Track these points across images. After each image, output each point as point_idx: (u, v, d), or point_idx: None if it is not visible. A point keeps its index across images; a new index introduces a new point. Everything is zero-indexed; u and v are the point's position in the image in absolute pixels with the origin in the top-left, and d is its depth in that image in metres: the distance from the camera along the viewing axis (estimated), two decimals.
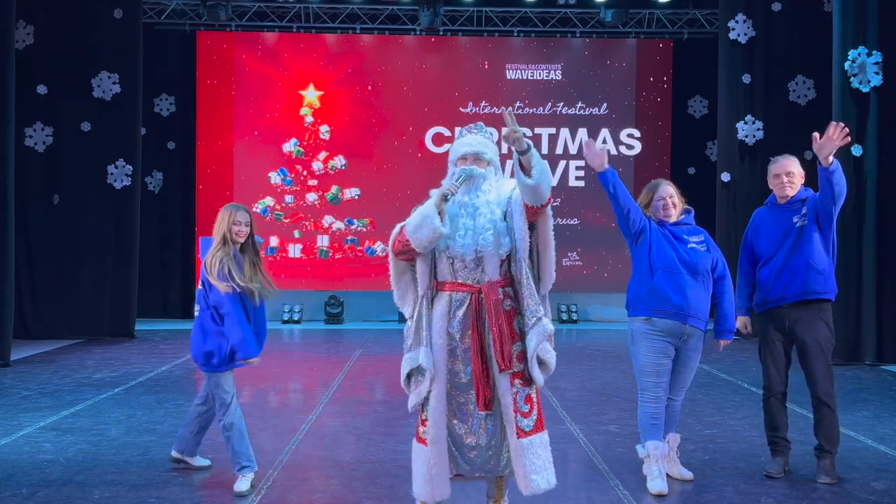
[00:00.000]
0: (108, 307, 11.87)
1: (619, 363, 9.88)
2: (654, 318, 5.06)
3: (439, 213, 4.07)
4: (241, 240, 5.21)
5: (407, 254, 4.18)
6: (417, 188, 5.32)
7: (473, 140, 4.25)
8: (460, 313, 4.14)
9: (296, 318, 13.72)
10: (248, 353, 5.06)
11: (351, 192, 13.99)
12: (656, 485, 5.01)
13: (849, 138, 5.04)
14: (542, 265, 4.20)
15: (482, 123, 4.39)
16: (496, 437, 4.15)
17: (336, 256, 14.02)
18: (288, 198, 13.91)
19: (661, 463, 5.08)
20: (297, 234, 13.96)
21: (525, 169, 4.02)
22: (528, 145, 4.04)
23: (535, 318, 4.11)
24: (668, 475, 5.17)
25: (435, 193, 4.15)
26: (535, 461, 4.11)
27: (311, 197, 13.95)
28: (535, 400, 4.19)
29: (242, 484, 5.08)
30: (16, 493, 4.97)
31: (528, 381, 4.14)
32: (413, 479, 4.25)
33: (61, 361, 9.83)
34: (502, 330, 4.09)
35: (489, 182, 4.21)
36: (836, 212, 5.19)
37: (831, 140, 4.98)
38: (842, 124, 5.02)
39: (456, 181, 4.13)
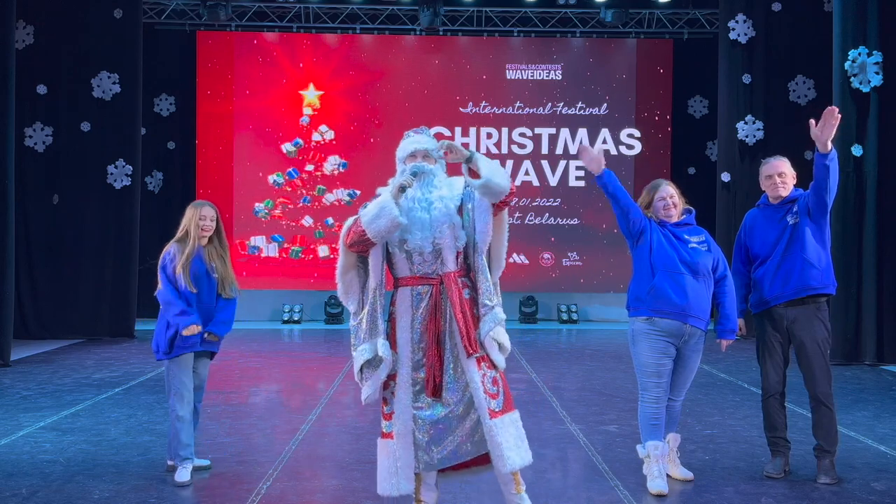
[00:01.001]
0: (107, 307, 11.87)
1: (619, 363, 9.88)
2: (655, 318, 5.06)
3: (396, 204, 4.20)
4: (207, 234, 5.38)
5: (361, 244, 4.25)
6: None
7: (421, 139, 4.44)
8: (423, 305, 4.27)
9: (296, 318, 13.72)
10: (184, 322, 5.19)
11: (350, 193, 13.99)
12: (656, 485, 5.01)
13: (840, 115, 5.06)
14: (496, 255, 4.42)
15: (425, 126, 4.63)
16: (455, 422, 4.23)
17: (332, 257, 14.03)
18: (305, 198, 13.92)
19: (661, 463, 5.08)
20: (318, 234, 13.96)
21: (474, 174, 4.24)
22: (470, 152, 4.28)
23: (488, 306, 4.28)
24: (668, 475, 5.17)
25: (385, 190, 4.31)
26: (508, 439, 4.20)
27: (331, 197, 13.96)
28: (500, 382, 4.29)
29: (184, 473, 5.19)
30: (16, 493, 4.97)
31: (492, 364, 4.26)
32: (378, 476, 4.30)
33: (61, 361, 9.83)
34: (466, 316, 4.23)
35: (439, 178, 4.38)
36: (830, 201, 5.20)
37: (832, 123, 5.00)
38: (835, 108, 5.05)
39: (409, 175, 4.27)
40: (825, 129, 5.01)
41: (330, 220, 13.96)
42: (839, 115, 5.03)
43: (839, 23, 9.89)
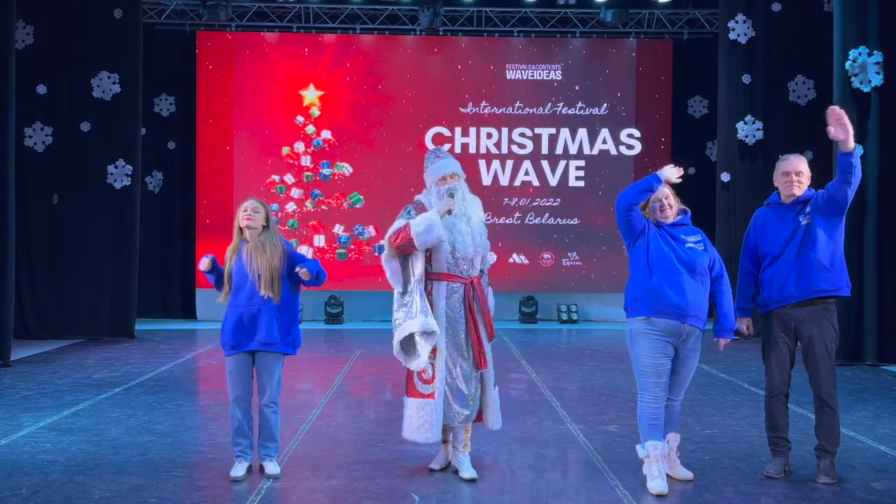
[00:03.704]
0: (108, 307, 11.86)
1: (619, 363, 9.88)
2: (653, 318, 5.06)
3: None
4: (248, 223, 5.30)
5: (407, 248, 5.14)
6: (417, 187, 5.51)
7: (447, 162, 5.32)
8: (455, 297, 5.26)
9: None
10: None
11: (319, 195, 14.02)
12: (656, 485, 5.01)
13: (841, 111, 5.02)
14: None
15: (443, 149, 5.56)
16: (478, 390, 5.29)
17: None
18: (289, 205, 13.93)
19: (661, 463, 5.07)
20: (355, 237, 13.98)
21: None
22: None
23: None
24: (668, 475, 5.17)
25: (434, 208, 5.16)
26: (498, 406, 5.40)
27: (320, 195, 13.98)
28: None
29: (235, 469, 5.34)
30: (16, 493, 4.97)
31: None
32: (412, 428, 5.24)
33: (61, 361, 9.83)
34: (488, 310, 5.35)
35: (466, 192, 5.32)
36: (851, 195, 5.15)
37: (836, 121, 4.97)
38: (834, 107, 5.02)
39: (449, 198, 5.13)
40: (837, 130, 4.98)
41: (340, 226, 13.96)
42: (841, 111, 5.00)
43: (839, 23, 9.88)
